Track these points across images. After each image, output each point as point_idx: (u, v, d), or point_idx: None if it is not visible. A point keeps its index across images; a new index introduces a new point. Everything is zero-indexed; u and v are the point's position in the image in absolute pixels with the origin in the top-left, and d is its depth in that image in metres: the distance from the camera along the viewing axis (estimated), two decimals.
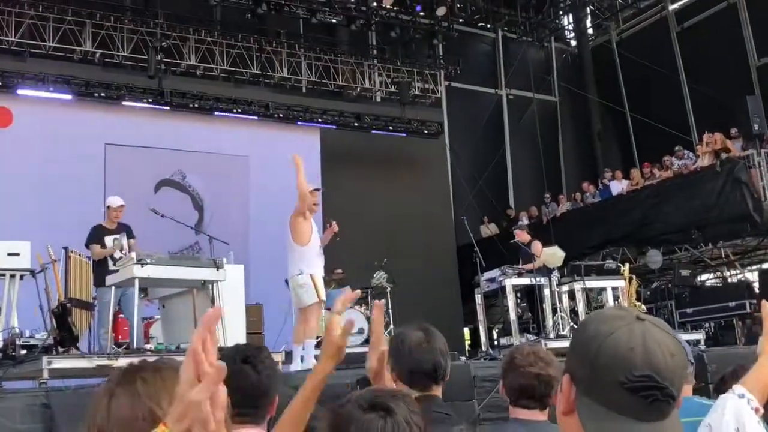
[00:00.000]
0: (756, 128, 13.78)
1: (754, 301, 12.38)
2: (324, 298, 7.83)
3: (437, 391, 2.55)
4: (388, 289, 11.86)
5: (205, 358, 1.08)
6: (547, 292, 10.38)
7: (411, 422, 1.53)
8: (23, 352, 6.81)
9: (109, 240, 8.45)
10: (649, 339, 1.20)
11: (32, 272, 7.62)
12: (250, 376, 2.40)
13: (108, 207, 8.82)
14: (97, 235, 8.57)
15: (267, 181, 14.83)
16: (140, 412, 1.31)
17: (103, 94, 13.48)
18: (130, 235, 8.60)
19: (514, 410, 2.73)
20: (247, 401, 2.35)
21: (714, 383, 3.83)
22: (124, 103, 13.76)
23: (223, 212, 14.68)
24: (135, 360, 1.47)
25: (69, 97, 13.31)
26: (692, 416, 2.29)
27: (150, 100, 13.88)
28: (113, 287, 7.41)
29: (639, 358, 1.18)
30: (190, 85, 14.51)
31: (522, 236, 11.23)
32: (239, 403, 2.25)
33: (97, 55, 13.82)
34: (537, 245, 10.82)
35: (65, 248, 8.11)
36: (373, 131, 16.25)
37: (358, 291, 2.31)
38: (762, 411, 1.93)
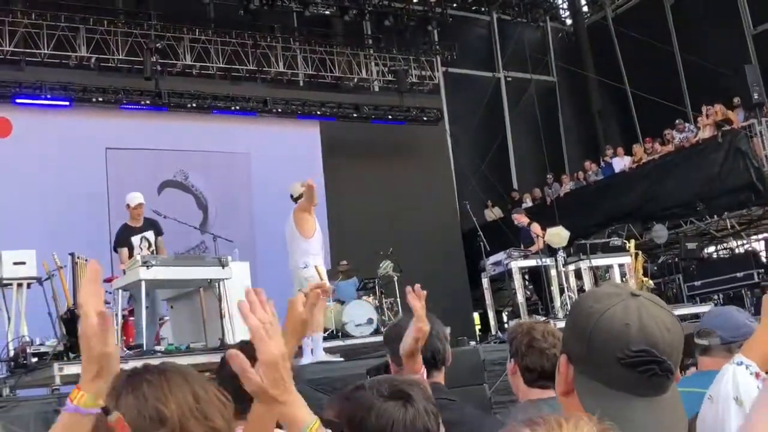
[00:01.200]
0: (756, 97, 13.71)
1: (762, 271, 12.36)
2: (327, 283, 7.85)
3: (438, 377, 2.55)
4: (395, 278, 11.86)
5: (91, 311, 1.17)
6: (553, 272, 10.37)
7: (428, 410, 1.53)
8: (34, 359, 6.83)
9: (136, 240, 8.32)
10: (644, 314, 1.20)
11: (39, 280, 7.63)
12: None
13: (127, 205, 8.66)
14: (123, 237, 8.44)
15: (269, 177, 14.82)
16: (146, 413, 1.32)
17: (101, 99, 13.48)
18: (158, 232, 8.53)
19: (529, 391, 2.61)
20: (248, 396, 2.35)
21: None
22: (122, 106, 13.76)
23: (228, 210, 14.70)
24: (138, 364, 1.48)
25: (67, 103, 13.31)
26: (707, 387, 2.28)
27: (148, 102, 13.88)
28: (120, 290, 7.43)
29: (635, 334, 1.18)
30: (187, 85, 14.51)
31: (520, 219, 11.23)
32: (242, 398, 2.25)
33: (93, 59, 13.82)
34: (536, 227, 10.83)
35: (71, 254, 8.11)
36: (373, 121, 16.22)
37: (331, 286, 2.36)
38: (763, 375, 1.91)
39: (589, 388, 1.21)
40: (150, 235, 8.33)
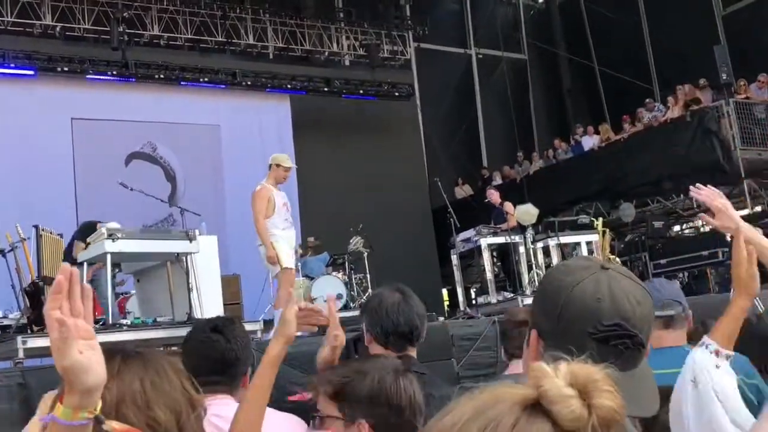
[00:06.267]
0: (724, 77, 13.86)
1: (727, 249, 12.53)
2: (288, 265, 7.74)
3: (413, 351, 2.56)
4: (365, 254, 11.85)
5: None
6: (522, 249, 10.44)
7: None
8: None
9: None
10: (615, 288, 1.19)
11: (2, 252, 7.50)
12: (219, 343, 2.38)
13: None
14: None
15: (240, 150, 14.72)
16: (127, 392, 1.29)
17: (66, 69, 13.22)
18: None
19: (513, 366, 3.04)
20: (216, 369, 2.34)
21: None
22: (88, 76, 13.50)
23: (197, 182, 14.55)
24: (107, 338, 1.44)
25: (31, 72, 13.05)
26: (676, 366, 2.28)
27: (115, 72, 13.64)
28: (85, 264, 7.32)
29: (607, 308, 1.17)
30: (154, 56, 14.28)
31: (493, 197, 11.27)
32: (208, 370, 2.24)
33: (58, 28, 13.54)
34: (509, 205, 10.87)
35: (36, 226, 7.97)
36: (344, 96, 16.10)
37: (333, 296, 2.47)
38: (724, 351, 1.91)
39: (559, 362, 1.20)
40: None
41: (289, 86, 15.49)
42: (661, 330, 2.72)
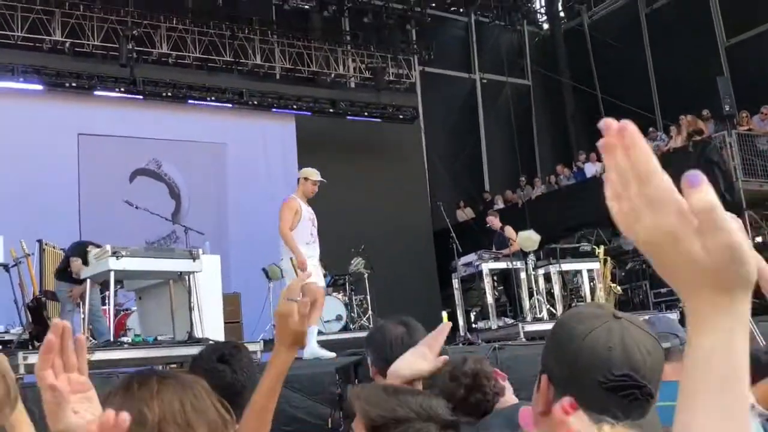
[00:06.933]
0: (727, 109, 13.92)
1: None
2: (312, 279, 7.60)
3: (418, 385, 2.56)
4: (366, 275, 11.87)
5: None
6: (523, 275, 10.45)
7: None
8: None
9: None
10: (627, 338, 1.22)
11: (5, 267, 7.53)
12: (225, 375, 2.40)
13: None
14: None
15: (244, 169, 14.81)
16: (129, 412, 1.32)
17: (74, 84, 13.30)
18: None
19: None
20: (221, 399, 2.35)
21: None
22: (96, 92, 13.59)
23: (201, 200, 14.61)
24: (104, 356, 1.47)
25: (40, 87, 13.13)
26: (674, 400, 2.29)
27: (122, 89, 13.73)
28: (88, 280, 7.35)
29: (618, 358, 1.20)
30: (162, 74, 14.38)
31: (494, 222, 11.30)
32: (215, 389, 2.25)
33: (68, 44, 13.65)
34: (510, 230, 10.91)
35: (39, 241, 8.04)
36: (348, 117, 16.20)
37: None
38: (759, 408, 1.93)
39: (602, 425, 1.21)
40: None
41: (294, 107, 15.59)
42: None
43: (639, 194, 0.76)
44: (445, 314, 17.05)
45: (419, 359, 2.09)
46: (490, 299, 10.44)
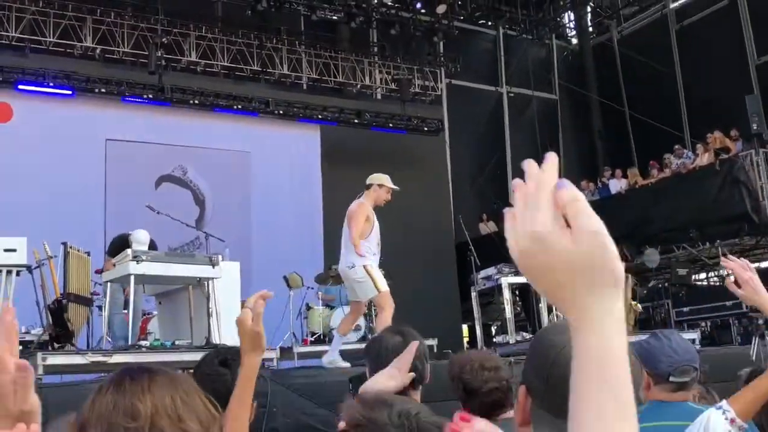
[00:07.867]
0: (755, 127, 13.78)
1: None
2: (386, 288, 7.27)
3: (416, 395, 2.57)
4: None
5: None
6: None
7: None
8: (19, 348, 6.81)
9: None
10: None
11: (29, 268, 7.63)
12: (226, 378, 2.43)
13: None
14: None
15: (268, 177, 14.91)
16: (122, 406, 1.35)
17: (103, 90, 13.50)
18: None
19: None
20: (222, 403, 2.37)
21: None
22: (124, 98, 13.77)
23: (225, 207, 14.73)
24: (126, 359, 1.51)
25: (69, 92, 13.33)
26: (682, 420, 2.30)
27: (150, 95, 13.89)
28: (109, 284, 7.45)
29: None
30: (190, 81, 14.53)
31: None
32: (216, 397, 2.27)
33: (98, 50, 13.85)
34: None
35: (64, 243, 8.12)
36: (374, 128, 16.24)
37: (271, 293, 2.21)
38: (739, 423, 1.93)
39: (545, 421, 1.23)
40: None
41: (320, 116, 15.67)
42: (672, 393, 2.75)
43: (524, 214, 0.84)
44: (465, 327, 17.05)
45: (388, 379, 2.22)
46: (509, 314, 10.40)
